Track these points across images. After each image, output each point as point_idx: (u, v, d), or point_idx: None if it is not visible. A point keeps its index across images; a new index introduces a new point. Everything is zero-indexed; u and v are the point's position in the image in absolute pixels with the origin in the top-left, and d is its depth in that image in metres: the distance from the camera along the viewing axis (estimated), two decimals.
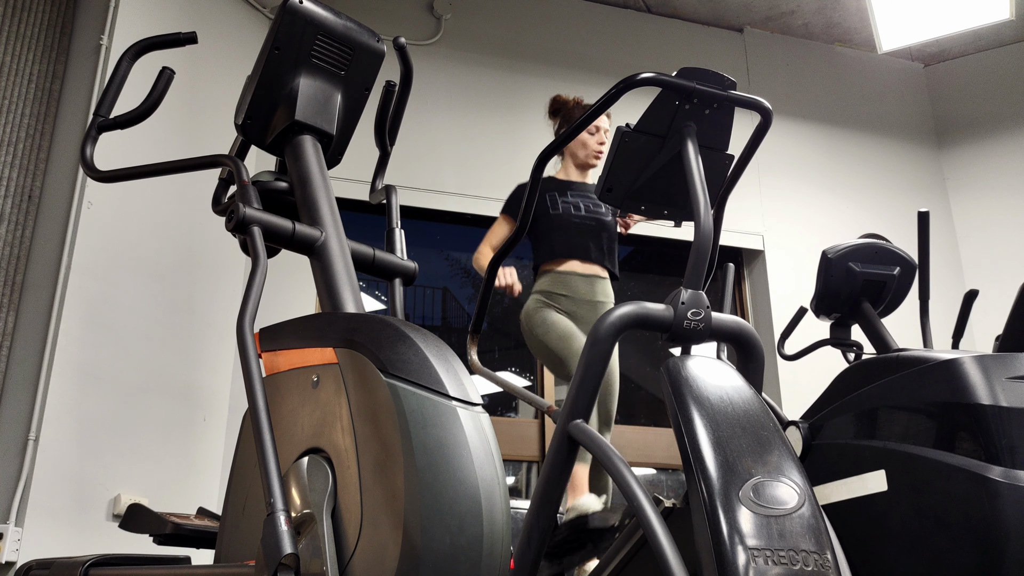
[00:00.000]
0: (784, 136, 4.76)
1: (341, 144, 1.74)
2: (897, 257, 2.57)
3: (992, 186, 4.90)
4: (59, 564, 1.58)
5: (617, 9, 4.81)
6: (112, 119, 1.74)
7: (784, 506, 1.13)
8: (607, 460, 1.24)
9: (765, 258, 4.53)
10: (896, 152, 5.00)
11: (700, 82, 1.52)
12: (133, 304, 3.05)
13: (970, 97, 5.10)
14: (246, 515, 1.32)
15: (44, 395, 2.72)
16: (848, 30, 5.00)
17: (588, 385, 1.36)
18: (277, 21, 1.60)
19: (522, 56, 4.51)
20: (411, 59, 1.85)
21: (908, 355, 1.95)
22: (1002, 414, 1.70)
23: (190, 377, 3.22)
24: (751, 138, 1.62)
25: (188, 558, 1.71)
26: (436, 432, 1.07)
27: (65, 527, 2.68)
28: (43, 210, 3.07)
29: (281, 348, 1.34)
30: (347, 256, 1.50)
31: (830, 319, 2.69)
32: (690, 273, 1.42)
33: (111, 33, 3.18)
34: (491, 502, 1.07)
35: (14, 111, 3.08)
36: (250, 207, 1.41)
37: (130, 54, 1.79)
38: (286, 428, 1.28)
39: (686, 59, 4.63)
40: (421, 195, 4.05)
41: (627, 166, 1.60)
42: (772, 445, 1.21)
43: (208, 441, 3.24)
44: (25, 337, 2.88)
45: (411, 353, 1.14)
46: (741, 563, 1.06)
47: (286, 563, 1.04)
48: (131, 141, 2.80)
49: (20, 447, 2.68)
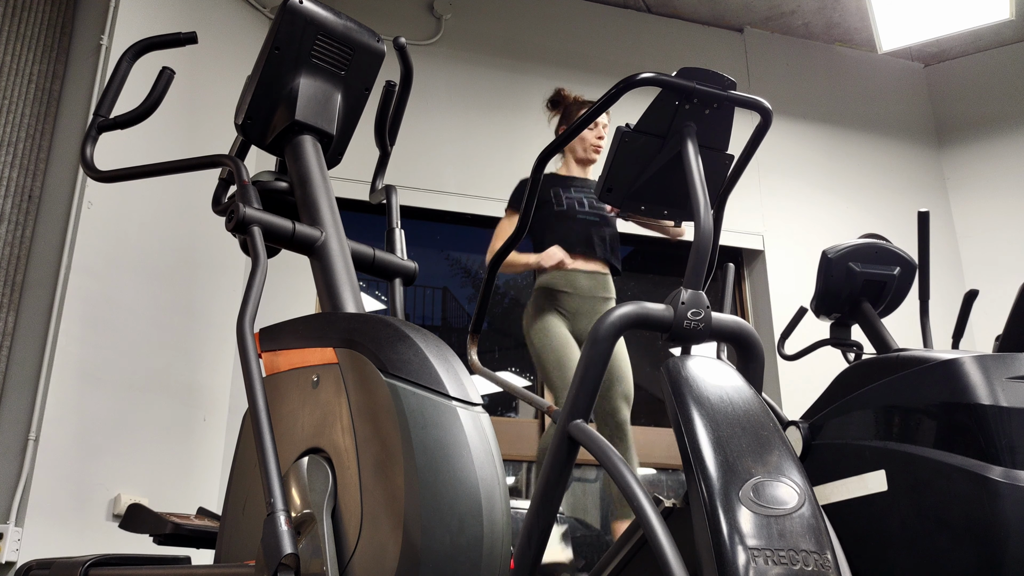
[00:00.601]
0: (784, 136, 4.76)
1: (341, 144, 1.74)
2: (897, 257, 2.57)
3: (992, 186, 4.90)
4: (59, 564, 1.58)
5: (617, 9, 4.81)
6: (112, 119, 1.74)
7: (784, 506, 1.13)
8: (607, 460, 1.24)
9: (765, 258, 4.53)
10: (896, 152, 5.00)
11: (700, 82, 1.52)
12: (133, 304, 3.05)
13: (970, 97, 5.10)
14: (246, 515, 1.32)
15: (44, 395, 2.72)
16: (848, 30, 5.00)
17: (588, 385, 1.36)
18: (277, 21, 1.60)
19: (522, 56, 4.51)
20: (411, 59, 1.85)
21: (908, 355, 1.95)
22: (1002, 414, 1.70)
23: (190, 377, 3.22)
24: (751, 138, 1.63)
25: (188, 558, 1.71)
26: (436, 432, 1.07)
27: (65, 527, 2.68)
28: (43, 210, 3.07)
29: (281, 348, 1.34)
30: (347, 256, 1.50)
31: (830, 319, 2.69)
32: (690, 273, 1.42)
33: (111, 33, 3.18)
34: (491, 502, 1.07)
35: (14, 111, 3.08)
36: (250, 207, 1.41)
37: (130, 54, 1.79)
38: (286, 428, 1.28)
39: (686, 59, 4.63)
40: (421, 195, 4.05)
41: (627, 166, 1.60)
42: (772, 445, 1.21)
43: (208, 441, 3.24)
44: (25, 337, 2.88)
45: (411, 353, 1.14)
46: (741, 563, 1.06)
47: (286, 563, 1.04)
48: (131, 141, 2.79)
49: (20, 447, 2.68)
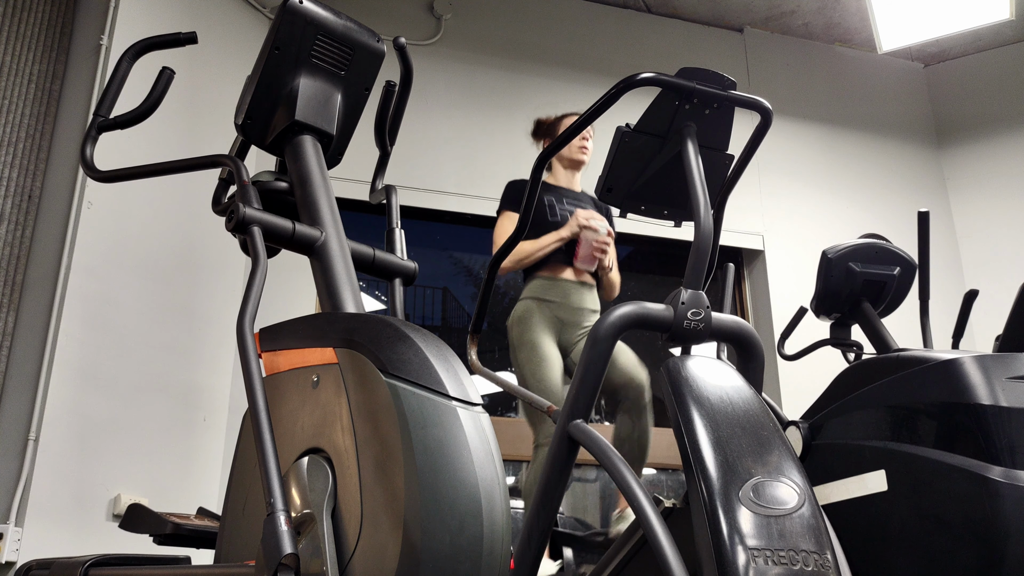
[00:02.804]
0: (784, 136, 4.76)
1: (341, 144, 1.74)
2: (897, 257, 2.57)
3: (992, 186, 4.90)
4: (59, 564, 1.58)
5: (617, 9, 4.81)
6: (112, 119, 1.74)
7: (784, 506, 1.13)
8: (607, 460, 1.24)
9: (765, 258, 4.53)
10: (896, 152, 5.00)
11: (700, 82, 1.52)
12: (133, 304, 3.05)
13: (970, 97, 5.10)
14: (246, 515, 1.32)
15: (44, 395, 2.72)
16: (848, 30, 5.00)
17: (588, 385, 1.36)
18: (277, 21, 1.60)
19: (522, 56, 4.51)
20: (411, 59, 1.85)
21: (908, 355, 1.95)
22: (1002, 414, 1.70)
23: (190, 377, 3.22)
24: (751, 138, 1.62)
25: (188, 558, 1.71)
26: (436, 432, 1.07)
27: (65, 527, 2.68)
28: (43, 210, 3.07)
29: (281, 348, 1.34)
30: (347, 256, 1.50)
31: (830, 319, 2.69)
32: (690, 273, 1.42)
33: (111, 33, 3.18)
34: (491, 502, 1.07)
35: (14, 111, 3.08)
36: (250, 207, 1.41)
37: (130, 54, 1.79)
38: (286, 428, 1.28)
39: (686, 59, 4.63)
40: (421, 195, 4.05)
41: (627, 166, 1.60)
42: (772, 445, 1.21)
43: (208, 441, 3.24)
44: (25, 337, 2.88)
45: (411, 353, 1.14)
46: (741, 563, 1.06)
47: (286, 563, 1.04)
48: (131, 141, 2.80)
49: (20, 447, 2.68)
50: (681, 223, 1.71)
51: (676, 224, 1.72)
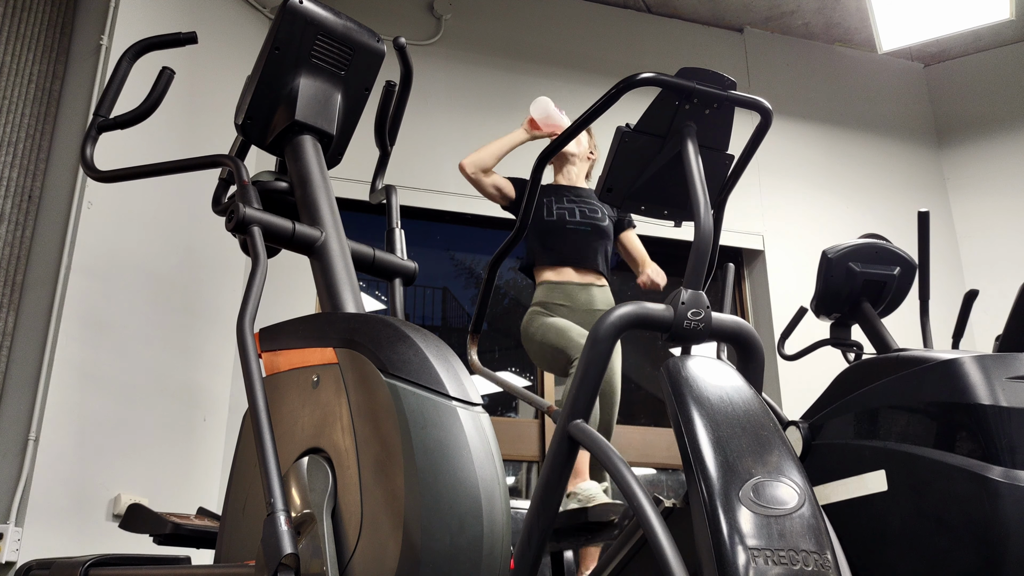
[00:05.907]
0: (784, 136, 4.76)
1: (341, 144, 1.74)
2: (897, 257, 2.57)
3: (992, 186, 4.90)
4: (59, 564, 1.58)
5: (617, 9, 4.81)
6: (112, 119, 1.74)
7: (784, 506, 1.13)
8: (607, 460, 1.24)
9: (765, 258, 4.53)
10: (896, 152, 5.00)
11: (700, 82, 1.52)
12: (133, 304, 3.05)
13: (970, 97, 5.10)
14: (246, 515, 1.32)
15: (44, 395, 2.72)
16: (848, 30, 5.00)
17: (588, 385, 1.36)
18: (277, 21, 1.60)
19: (522, 56, 4.51)
20: (411, 59, 1.85)
21: (908, 355, 1.95)
22: (1002, 414, 1.70)
23: (190, 377, 3.22)
24: (751, 138, 1.63)
25: (188, 558, 1.72)
26: (436, 432, 1.07)
27: (65, 527, 2.68)
28: (43, 210, 3.07)
29: (281, 348, 1.34)
30: (347, 256, 1.50)
31: (830, 319, 2.69)
32: (690, 273, 1.42)
33: (111, 33, 3.18)
34: (491, 502, 1.07)
35: (14, 111, 3.08)
36: (250, 207, 1.41)
37: (130, 54, 1.79)
38: (286, 428, 1.28)
39: (686, 59, 4.63)
40: (421, 195, 4.05)
41: (627, 166, 1.61)
42: (772, 445, 1.21)
43: (208, 441, 3.24)
44: (25, 337, 2.88)
45: (411, 353, 1.14)
46: (741, 563, 1.06)
47: (286, 563, 1.04)
48: (131, 141, 2.80)
49: (20, 447, 2.67)
50: (681, 223, 1.71)
51: (676, 224, 1.72)
